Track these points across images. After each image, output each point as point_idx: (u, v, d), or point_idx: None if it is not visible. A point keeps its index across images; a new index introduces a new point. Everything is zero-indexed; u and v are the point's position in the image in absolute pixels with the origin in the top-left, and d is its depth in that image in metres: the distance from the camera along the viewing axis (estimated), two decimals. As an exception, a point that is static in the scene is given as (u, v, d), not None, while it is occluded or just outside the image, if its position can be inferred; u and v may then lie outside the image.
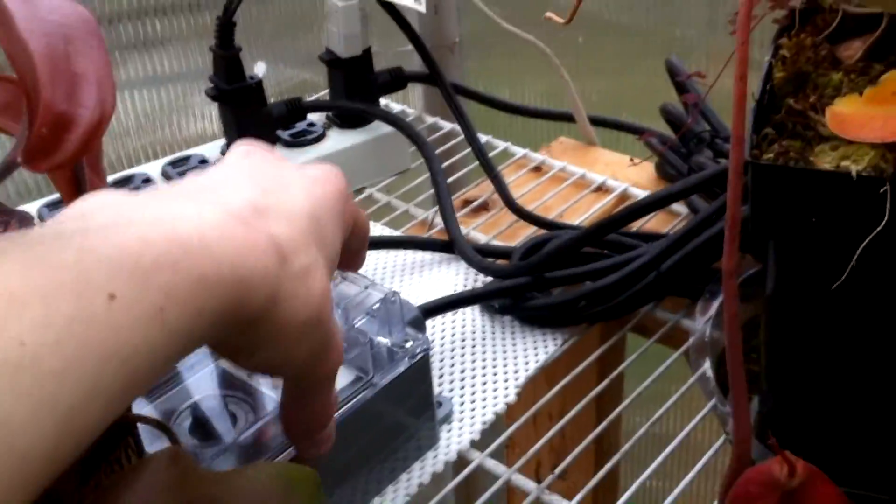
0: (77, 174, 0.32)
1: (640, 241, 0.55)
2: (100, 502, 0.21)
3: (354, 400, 0.42)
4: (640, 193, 0.66)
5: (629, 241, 0.55)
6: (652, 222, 0.61)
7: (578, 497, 0.45)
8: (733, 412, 0.36)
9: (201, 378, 0.43)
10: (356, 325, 0.44)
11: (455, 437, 0.48)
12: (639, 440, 0.49)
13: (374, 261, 0.60)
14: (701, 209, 0.56)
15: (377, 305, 0.44)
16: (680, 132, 0.60)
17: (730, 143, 0.59)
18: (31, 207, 0.59)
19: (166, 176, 0.61)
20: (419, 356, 0.44)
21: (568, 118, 0.73)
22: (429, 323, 0.54)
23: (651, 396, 0.52)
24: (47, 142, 0.23)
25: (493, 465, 0.48)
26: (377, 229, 0.63)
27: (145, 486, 0.21)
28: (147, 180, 0.61)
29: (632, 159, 0.68)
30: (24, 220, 0.30)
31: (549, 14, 0.40)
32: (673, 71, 0.64)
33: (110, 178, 0.61)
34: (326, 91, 0.76)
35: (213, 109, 0.76)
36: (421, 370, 0.45)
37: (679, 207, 0.62)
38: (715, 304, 0.50)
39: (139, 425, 0.33)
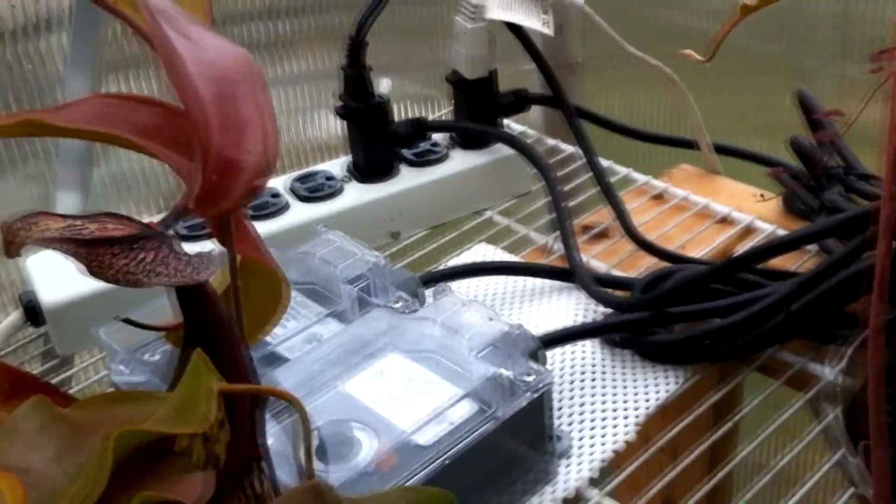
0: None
1: (767, 279, 0.54)
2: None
3: (477, 432, 0.42)
4: (766, 227, 0.64)
5: (755, 278, 0.54)
6: (777, 258, 0.59)
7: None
8: (873, 469, 0.34)
9: (326, 402, 0.43)
10: (479, 356, 0.44)
11: (574, 473, 0.48)
12: (755, 485, 0.47)
13: (494, 285, 0.60)
14: (833, 249, 0.54)
15: (500, 336, 0.44)
16: (814, 171, 0.58)
17: (864, 181, 0.57)
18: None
19: (294, 192, 0.62)
20: (541, 390, 0.44)
21: (691, 145, 0.71)
22: (547, 353, 0.53)
23: (766, 440, 0.50)
24: (216, 188, 0.23)
25: (611, 504, 0.47)
26: (497, 254, 0.63)
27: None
28: (276, 195, 0.62)
29: (762, 195, 0.66)
30: (167, 241, 0.31)
31: (687, 51, 0.39)
32: (805, 104, 0.62)
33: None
34: (451, 108, 0.77)
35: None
36: (542, 404, 0.45)
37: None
38: (848, 351, 0.48)
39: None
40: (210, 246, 0.63)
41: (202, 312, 0.33)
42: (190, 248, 0.58)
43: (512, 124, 0.76)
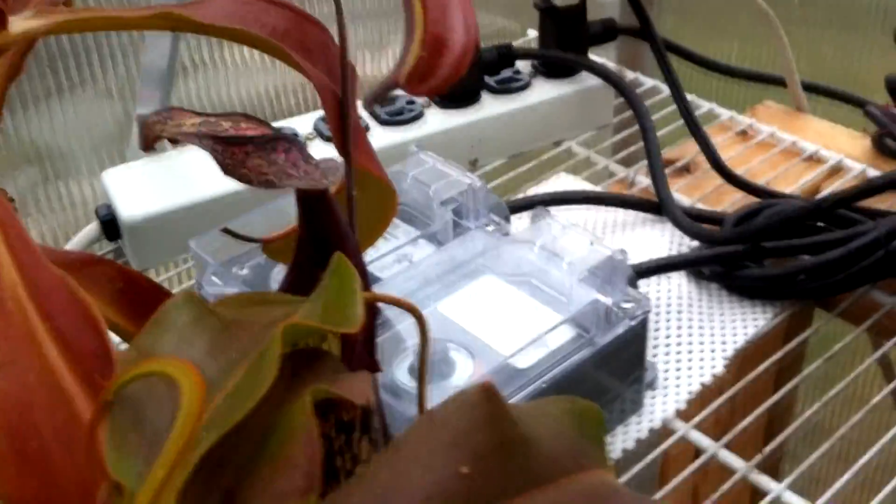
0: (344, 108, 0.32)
1: (864, 217, 0.53)
2: (405, 440, 0.21)
3: (573, 358, 0.42)
4: (855, 166, 0.62)
5: (852, 215, 0.53)
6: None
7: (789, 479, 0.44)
8: None
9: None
10: (579, 281, 0.43)
11: (660, 405, 0.47)
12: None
13: (578, 216, 0.59)
14: (935, 189, 0.52)
15: (601, 263, 0.43)
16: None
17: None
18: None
19: (374, 115, 0.61)
20: (640, 318, 0.43)
21: (779, 82, 0.69)
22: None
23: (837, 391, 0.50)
24: (425, 65, 0.23)
25: (698, 438, 0.46)
26: (577, 184, 0.62)
27: (461, 422, 0.21)
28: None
29: (864, 129, 0.64)
30: (297, 145, 0.30)
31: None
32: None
33: (321, 112, 0.61)
34: (525, 39, 0.75)
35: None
36: (639, 333, 0.44)
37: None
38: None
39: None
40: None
41: (323, 219, 0.32)
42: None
43: (593, 56, 0.75)
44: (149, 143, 0.28)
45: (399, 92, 0.65)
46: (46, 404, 0.24)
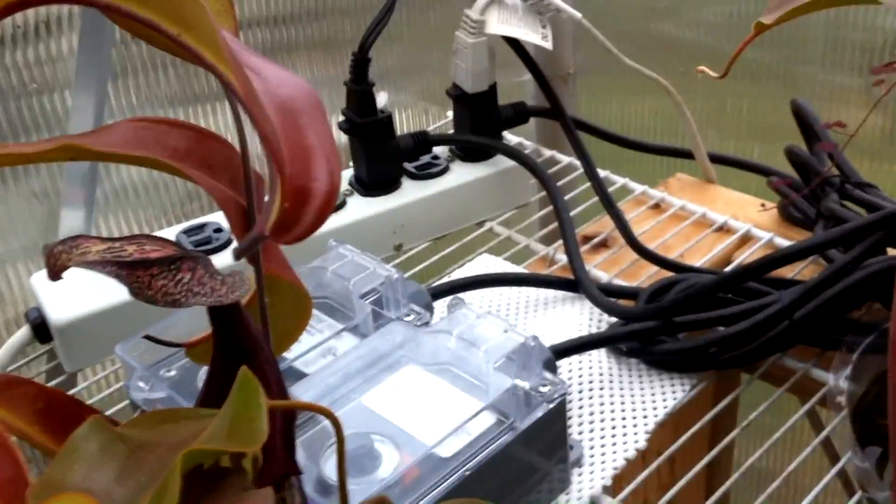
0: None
1: (770, 287, 0.55)
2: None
3: (496, 443, 0.43)
4: (763, 235, 0.65)
5: (758, 286, 0.55)
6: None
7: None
8: (893, 477, 0.35)
9: (346, 415, 0.44)
10: (496, 368, 0.44)
11: (587, 482, 0.49)
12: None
13: (498, 296, 0.60)
14: (835, 258, 0.55)
15: (516, 349, 0.45)
16: (814, 182, 0.59)
17: (861, 190, 0.58)
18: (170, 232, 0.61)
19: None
20: (557, 400, 0.45)
21: (686, 155, 0.72)
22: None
23: (767, 449, 0.51)
24: (289, 216, 0.24)
25: (624, 511, 0.48)
26: (499, 264, 0.63)
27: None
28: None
29: (762, 204, 0.67)
30: (202, 262, 0.31)
31: (701, 68, 0.40)
32: (801, 114, 0.63)
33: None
34: (446, 120, 0.77)
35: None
36: (558, 414, 0.45)
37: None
38: (853, 358, 0.49)
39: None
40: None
41: (235, 329, 0.33)
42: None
43: (508, 135, 0.77)
44: (55, 273, 0.29)
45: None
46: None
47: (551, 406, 0.44)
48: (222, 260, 0.58)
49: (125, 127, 0.32)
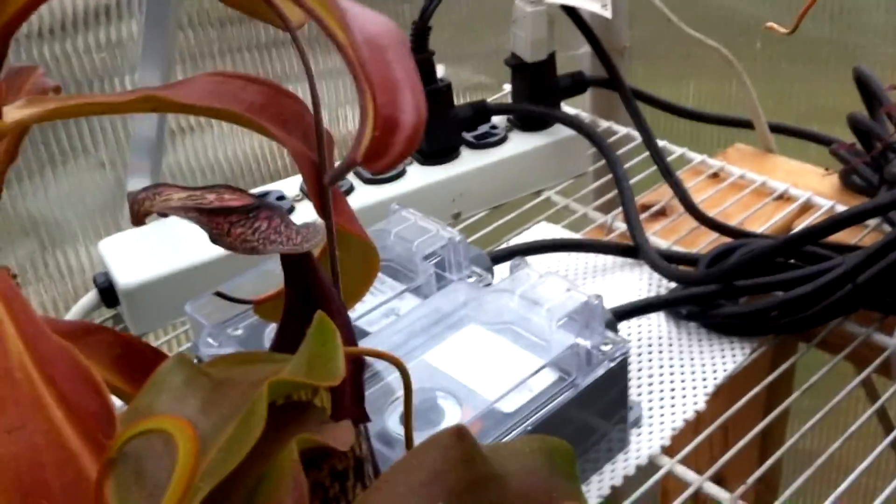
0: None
1: (832, 252, 0.55)
2: (385, 480, 0.23)
3: (557, 400, 0.43)
4: (824, 203, 0.65)
5: (821, 251, 0.55)
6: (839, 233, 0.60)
7: (773, 507, 0.45)
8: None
9: (411, 371, 0.44)
10: (558, 326, 0.45)
11: (645, 442, 0.49)
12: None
13: (557, 262, 0.61)
14: (898, 222, 0.55)
15: (578, 307, 0.45)
16: (878, 148, 0.58)
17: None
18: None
19: (358, 174, 0.63)
20: (619, 359, 0.45)
21: (747, 125, 0.72)
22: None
23: (821, 422, 0.51)
24: (379, 144, 0.25)
25: (683, 472, 0.48)
26: (557, 231, 0.64)
27: (436, 462, 0.22)
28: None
29: (826, 168, 0.67)
30: (278, 212, 0.32)
31: (770, 24, 0.40)
32: (864, 81, 0.63)
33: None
34: (502, 93, 0.78)
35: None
36: (619, 373, 0.46)
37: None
38: (917, 320, 0.49)
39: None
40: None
41: (308, 279, 0.34)
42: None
43: (565, 106, 0.77)
44: (139, 219, 0.30)
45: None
46: (55, 464, 0.26)
47: (612, 365, 0.45)
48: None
49: (204, 80, 0.33)
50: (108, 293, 0.59)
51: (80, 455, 0.26)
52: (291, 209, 0.62)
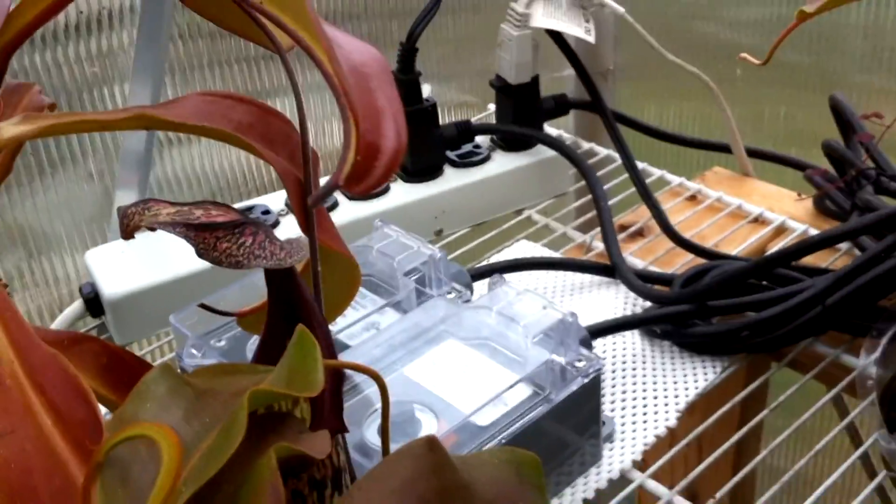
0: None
1: (803, 275, 0.56)
2: (359, 488, 0.24)
3: (531, 414, 0.45)
4: (798, 227, 0.66)
5: (791, 273, 0.56)
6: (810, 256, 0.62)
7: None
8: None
9: (389, 384, 0.45)
10: (534, 342, 0.46)
11: (617, 456, 0.50)
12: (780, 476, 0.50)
13: (535, 280, 0.62)
14: (867, 246, 0.56)
15: (554, 324, 0.47)
16: (850, 172, 0.60)
17: (896, 182, 0.59)
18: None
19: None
20: (592, 375, 0.46)
21: (725, 149, 0.74)
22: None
23: (789, 440, 0.52)
24: (361, 168, 0.26)
25: (655, 486, 0.49)
26: (537, 250, 0.65)
27: (407, 471, 0.23)
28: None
29: (799, 194, 0.68)
30: (263, 228, 0.33)
31: (743, 55, 0.42)
32: (839, 109, 0.64)
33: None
34: (487, 113, 0.79)
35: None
36: (592, 389, 0.47)
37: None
38: (882, 343, 0.50)
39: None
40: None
41: (291, 293, 0.35)
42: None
43: (547, 128, 0.79)
44: (128, 233, 0.31)
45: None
46: (44, 469, 0.27)
47: (586, 381, 0.46)
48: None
49: (194, 100, 0.35)
50: (93, 303, 0.60)
51: (69, 462, 0.27)
52: (276, 223, 0.63)
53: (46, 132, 0.32)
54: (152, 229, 0.34)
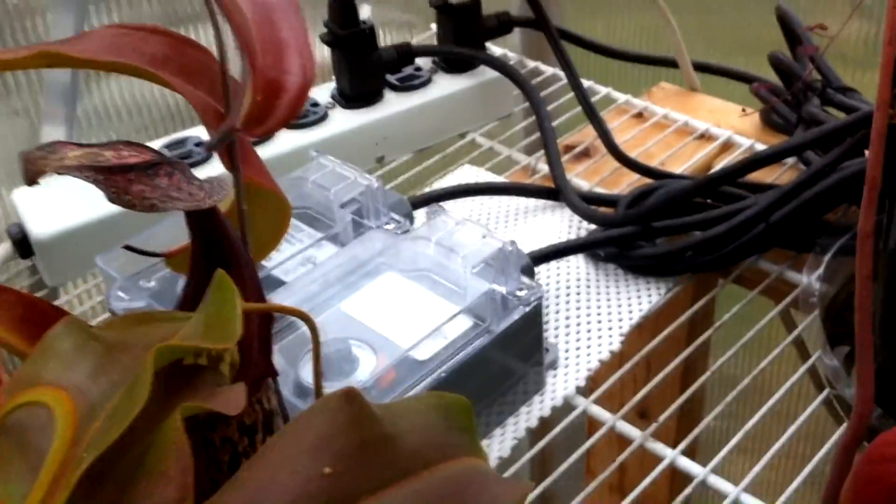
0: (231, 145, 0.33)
1: (747, 192, 0.55)
2: (272, 446, 0.23)
3: (471, 346, 0.44)
4: (744, 141, 0.65)
5: (735, 190, 0.55)
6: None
7: (683, 445, 0.46)
8: (858, 371, 0.36)
9: (325, 320, 0.45)
10: (474, 273, 0.45)
11: (561, 383, 0.50)
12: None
13: (479, 206, 0.61)
14: (812, 161, 0.55)
15: (494, 254, 0.46)
16: (795, 85, 0.59)
17: (842, 94, 0.58)
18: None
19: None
20: (533, 304, 0.46)
21: (671, 63, 0.72)
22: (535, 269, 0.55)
23: (739, 353, 0.52)
24: (261, 108, 0.25)
25: (598, 412, 0.49)
26: (482, 175, 0.64)
27: (323, 426, 0.22)
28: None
29: (743, 109, 0.67)
30: (179, 167, 0.32)
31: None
32: (785, 19, 0.63)
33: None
34: (429, 33, 0.77)
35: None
36: (534, 318, 0.46)
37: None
38: (826, 259, 0.50)
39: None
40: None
41: (213, 234, 0.34)
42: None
43: (492, 47, 0.77)
44: (32, 179, 0.29)
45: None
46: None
47: (527, 310, 0.45)
48: (203, 173, 0.58)
49: (103, 34, 0.32)
50: (22, 244, 0.58)
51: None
52: (209, 156, 0.61)
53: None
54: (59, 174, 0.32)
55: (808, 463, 0.45)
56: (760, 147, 0.64)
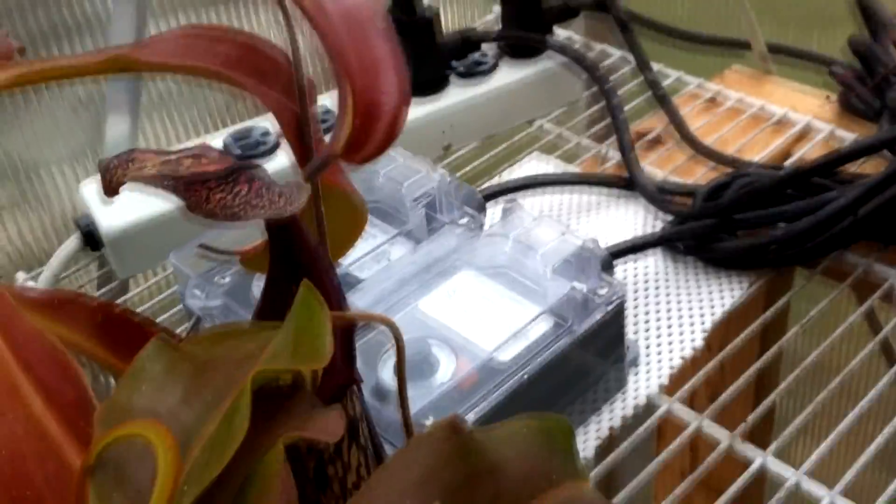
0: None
1: (832, 183, 0.53)
2: (378, 480, 0.22)
3: (553, 348, 0.42)
4: (824, 127, 0.63)
5: (820, 181, 0.53)
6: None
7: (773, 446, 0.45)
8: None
9: (402, 320, 0.44)
10: (554, 272, 0.44)
11: (643, 382, 0.48)
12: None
13: (550, 197, 0.59)
14: (901, 150, 0.53)
15: (574, 252, 0.44)
16: (882, 73, 0.57)
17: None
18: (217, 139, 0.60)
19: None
20: (615, 303, 0.44)
21: (744, 46, 0.70)
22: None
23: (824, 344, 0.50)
24: (359, 133, 0.23)
25: (682, 411, 0.47)
26: (551, 163, 0.62)
27: (429, 459, 0.21)
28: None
29: (828, 97, 0.65)
30: (261, 175, 0.31)
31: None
32: (865, 2, 0.60)
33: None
34: (491, 16, 0.75)
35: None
36: (616, 317, 0.45)
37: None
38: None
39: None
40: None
41: (292, 241, 0.33)
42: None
43: (557, 30, 0.75)
44: (112, 190, 0.28)
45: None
46: (37, 454, 0.25)
47: (609, 308, 0.44)
48: (272, 165, 0.58)
49: (175, 36, 0.31)
50: (91, 237, 0.58)
51: (62, 445, 0.25)
52: (276, 145, 0.60)
53: (19, 82, 0.29)
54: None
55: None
56: (841, 133, 0.62)
